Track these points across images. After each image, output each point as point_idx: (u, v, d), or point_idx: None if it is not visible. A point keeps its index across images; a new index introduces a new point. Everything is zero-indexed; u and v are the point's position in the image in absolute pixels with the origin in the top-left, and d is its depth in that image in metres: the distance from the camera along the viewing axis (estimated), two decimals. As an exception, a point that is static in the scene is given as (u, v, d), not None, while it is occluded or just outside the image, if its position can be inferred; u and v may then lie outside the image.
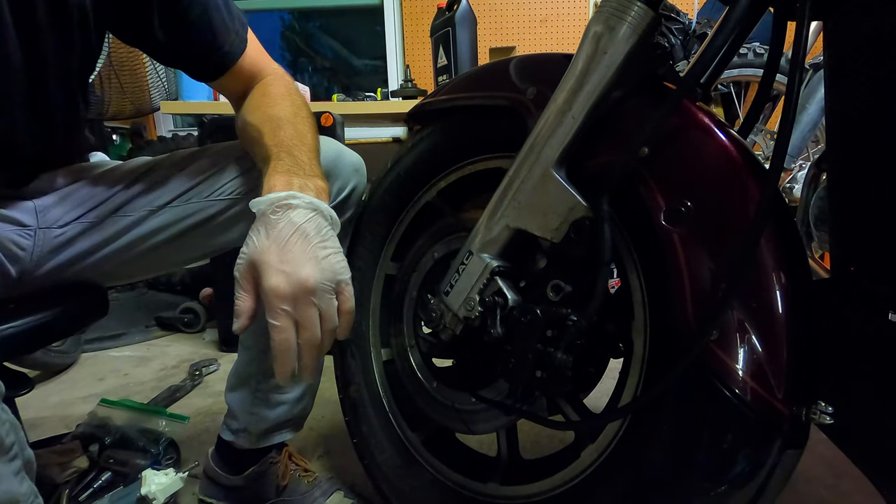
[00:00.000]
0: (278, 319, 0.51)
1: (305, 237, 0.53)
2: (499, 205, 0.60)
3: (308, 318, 0.52)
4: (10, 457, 0.48)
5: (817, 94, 1.48)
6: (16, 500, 0.49)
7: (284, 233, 0.53)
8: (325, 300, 0.53)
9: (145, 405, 1.22)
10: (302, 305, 0.52)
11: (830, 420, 0.46)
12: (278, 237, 0.52)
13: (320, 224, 0.55)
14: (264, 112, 0.69)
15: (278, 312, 0.51)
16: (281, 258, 0.52)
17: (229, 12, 0.72)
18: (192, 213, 0.73)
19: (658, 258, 0.51)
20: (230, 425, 0.84)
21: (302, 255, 0.52)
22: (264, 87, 0.75)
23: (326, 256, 0.54)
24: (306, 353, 0.53)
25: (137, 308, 2.05)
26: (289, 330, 0.52)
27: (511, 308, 0.59)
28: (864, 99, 0.43)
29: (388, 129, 2.60)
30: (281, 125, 0.65)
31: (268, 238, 0.53)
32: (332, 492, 0.85)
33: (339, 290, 0.55)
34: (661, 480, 0.51)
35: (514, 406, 0.60)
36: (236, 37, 0.73)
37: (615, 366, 0.63)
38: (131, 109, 2.22)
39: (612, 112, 0.55)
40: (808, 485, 0.91)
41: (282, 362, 0.52)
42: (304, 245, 0.53)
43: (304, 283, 0.51)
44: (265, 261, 0.52)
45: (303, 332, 0.53)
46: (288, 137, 0.64)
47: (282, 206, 0.54)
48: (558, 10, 2.77)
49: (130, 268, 0.75)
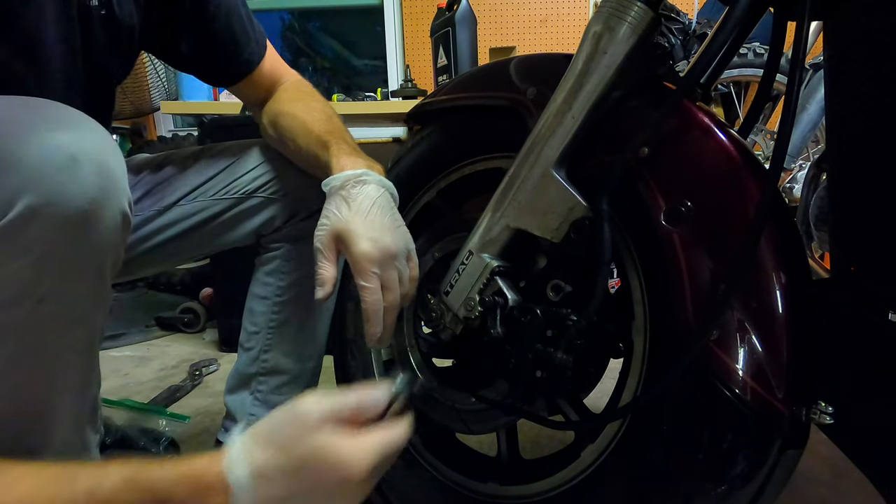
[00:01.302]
0: (370, 281, 0.56)
1: (382, 209, 0.59)
2: (499, 205, 0.60)
3: (392, 280, 0.58)
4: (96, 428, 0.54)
5: (817, 94, 1.48)
6: None
7: (365, 205, 0.58)
8: (403, 264, 0.59)
9: (145, 405, 1.22)
10: (388, 269, 0.57)
11: (830, 420, 0.46)
12: (360, 208, 0.57)
13: (389, 199, 0.61)
14: (307, 104, 0.73)
15: (370, 275, 0.56)
16: (366, 226, 0.56)
17: (250, 22, 0.76)
18: (197, 212, 0.74)
19: (658, 258, 0.51)
20: (229, 427, 0.84)
21: (382, 225, 0.58)
22: (296, 86, 0.79)
23: (399, 226, 0.60)
24: (389, 313, 0.58)
25: (137, 308, 2.05)
26: (378, 291, 0.56)
27: (511, 308, 0.59)
28: (864, 99, 0.43)
29: (388, 129, 2.60)
30: (325, 118, 0.70)
31: (350, 210, 0.57)
32: (332, 492, 0.85)
33: (409, 257, 0.61)
34: (660, 480, 0.51)
35: (514, 406, 0.60)
36: (256, 45, 0.76)
37: (615, 366, 0.63)
38: (131, 109, 2.22)
39: (612, 112, 0.54)
40: (808, 485, 0.91)
41: (374, 322, 0.57)
42: (382, 216, 0.58)
43: (389, 249, 0.57)
44: (351, 230, 0.56)
45: (387, 293, 0.57)
46: (336, 128, 0.69)
47: (358, 181, 0.59)
48: (558, 10, 2.76)
49: (133, 265, 0.75)
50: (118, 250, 0.47)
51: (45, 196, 0.39)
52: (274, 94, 0.78)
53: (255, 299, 0.81)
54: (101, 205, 0.42)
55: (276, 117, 0.73)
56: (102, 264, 0.46)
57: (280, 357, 0.80)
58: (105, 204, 0.43)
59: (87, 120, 0.45)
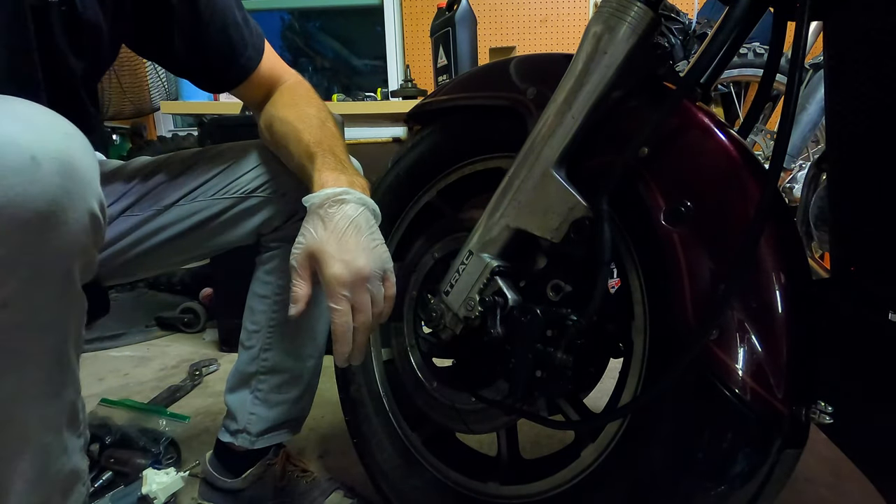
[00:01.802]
0: (339, 304, 0.56)
1: (359, 229, 0.58)
2: (499, 205, 0.60)
3: (363, 303, 0.58)
4: (79, 433, 0.52)
5: (817, 94, 1.48)
6: (79, 475, 0.53)
7: (341, 225, 0.57)
8: (375, 286, 0.59)
9: (145, 405, 1.22)
10: (358, 291, 0.57)
11: (830, 420, 0.46)
12: (335, 229, 0.57)
13: (368, 217, 0.60)
14: (299, 110, 0.72)
15: (339, 297, 0.56)
16: (339, 248, 0.57)
17: (248, 26, 0.75)
18: (197, 212, 0.74)
19: (658, 258, 0.51)
20: (229, 426, 0.84)
21: (357, 246, 0.57)
22: (293, 88, 0.78)
23: (376, 247, 0.60)
24: (360, 334, 0.59)
25: (137, 308, 2.05)
26: (348, 314, 0.57)
27: (511, 308, 0.59)
28: (864, 99, 0.43)
29: (388, 129, 2.60)
30: (317, 124, 0.69)
31: (325, 230, 0.57)
32: (331, 491, 0.85)
33: (385, 277, 0.61)
34: (660, 480, 0.51)
35: (514, 406, 0.60)
36: (253, 49, 0.75)
37: (615, 366, 0.63)
38: (131, 109, 2.22)
39: (612, 112, 0.55)
40: (808, 485, 0.91)
41: (342, 343, 0.58)
42: (358, 237, 0.58)
43: (360, 271, 0.57)
44: (325, 251, 0.57)
45: (358, 315, 0.58)
46: (327, 137, 0.68)
47: (337, 200, 0.59)
48: (558, 10, 2.76)
49: (133, 265, 0.75)
50: (88, 253, 0.45)
51: (2, 198, 0.37)
52: (272, 95, 0.78)
53: (255, 298, 0.81)
54: (63, 206, 0.41)
55: (271, 122, 0.72)
56: (69, 268, 0.44)
57: (280, 356, 0.80)
58: (68, 205, 0.41)
59: (50, 116, 0.42)
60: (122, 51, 0.73)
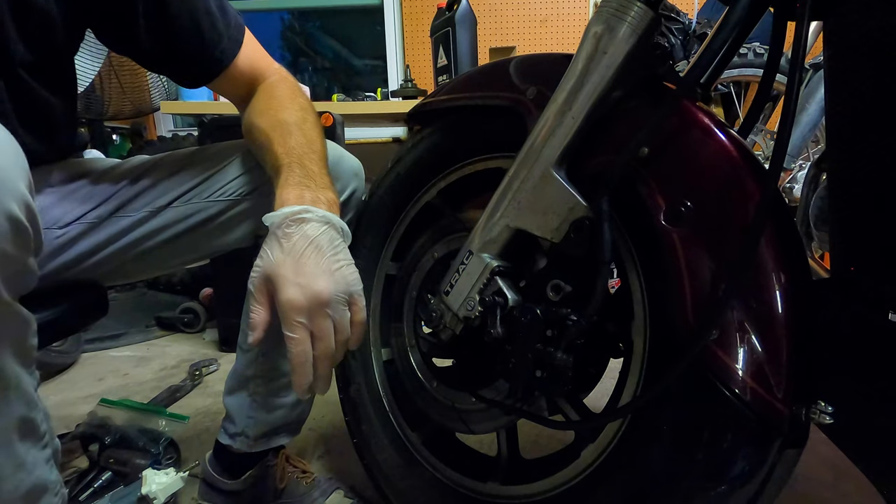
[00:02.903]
0: (295, 332, 0.52)
1: (319, 250, 0.54)
2: (499, 205, 0.60)
3: (323, 330, 0.53)
4: (42, 444, 0.49)
5: (817, 94, 1.48)
6: (46, 487, 0.50)
7: (299, 246, 0.53)
8: (338, 311, 0.54)
9: (145, 405, 1.22)
10: (317, 317, 0.53)
11: (830, 420, 0.46)
12: (293, 250, 0.53)
13: (333, 237, 0.56)
14: (273, 116, 0.68)
15: (295, 325, 0.52)
16: (296, 271, 0.52)
17: (223, 15, 0.71)
18: (193, 214, 0.73)
19: (658, 258, 0.51)
20: (228, 429, 0.83)
21: (316, 268, 0.53)
22: (271, 90, 0.73)
23: (339, 268, 0.55)
24: (321, 363, 0.54)
25: (137, 308, 2.05)
26: (305, 342, 0.53)
27: (511, 308, 0.59)
28: (864, 99, 0.43)
29: (388, 129, 2.60)
30: (290, 131, 0.65)
31: (282, 252, 0.53)
32: (331, 492, 0.85)
33: (351, 301, 0.56)
34: (660, 480, 0.51)
35: (514, 406, 0.60)
36: (228, 41, 0.71)
37: (615, 366, 0.63)
38: (131, 109, 2.22)
39: (612, 112, 0.54)
40: (808, 485, 0.91)
41: (300, 374, 0.53)
42: (318, 258, 0.54)
43: (318, 296, 0.52)
44: (281, 274, 0.52)
45: (318, 343, 0.53)
46: (298, 145, 0.63)
47: (296, 220, 0.55)
48: (558, 10, 2.76)
49: (131, 268, 0.75)
50: (13, 261, 0.42)
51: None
52: (255, 91, 0.74)
53: (253, 301, 0.81)
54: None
55: (249, 129, 0.70)
56: None
57: (278, 360, 0.80)
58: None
59: None
60: (121, 51, 0.72)
